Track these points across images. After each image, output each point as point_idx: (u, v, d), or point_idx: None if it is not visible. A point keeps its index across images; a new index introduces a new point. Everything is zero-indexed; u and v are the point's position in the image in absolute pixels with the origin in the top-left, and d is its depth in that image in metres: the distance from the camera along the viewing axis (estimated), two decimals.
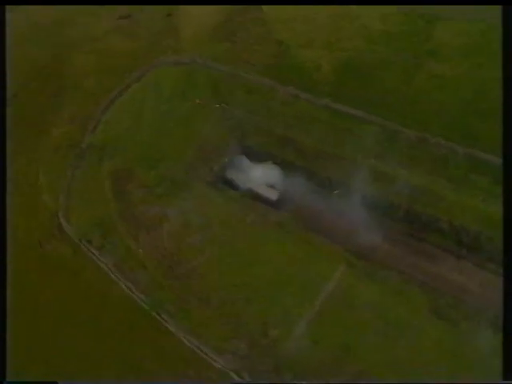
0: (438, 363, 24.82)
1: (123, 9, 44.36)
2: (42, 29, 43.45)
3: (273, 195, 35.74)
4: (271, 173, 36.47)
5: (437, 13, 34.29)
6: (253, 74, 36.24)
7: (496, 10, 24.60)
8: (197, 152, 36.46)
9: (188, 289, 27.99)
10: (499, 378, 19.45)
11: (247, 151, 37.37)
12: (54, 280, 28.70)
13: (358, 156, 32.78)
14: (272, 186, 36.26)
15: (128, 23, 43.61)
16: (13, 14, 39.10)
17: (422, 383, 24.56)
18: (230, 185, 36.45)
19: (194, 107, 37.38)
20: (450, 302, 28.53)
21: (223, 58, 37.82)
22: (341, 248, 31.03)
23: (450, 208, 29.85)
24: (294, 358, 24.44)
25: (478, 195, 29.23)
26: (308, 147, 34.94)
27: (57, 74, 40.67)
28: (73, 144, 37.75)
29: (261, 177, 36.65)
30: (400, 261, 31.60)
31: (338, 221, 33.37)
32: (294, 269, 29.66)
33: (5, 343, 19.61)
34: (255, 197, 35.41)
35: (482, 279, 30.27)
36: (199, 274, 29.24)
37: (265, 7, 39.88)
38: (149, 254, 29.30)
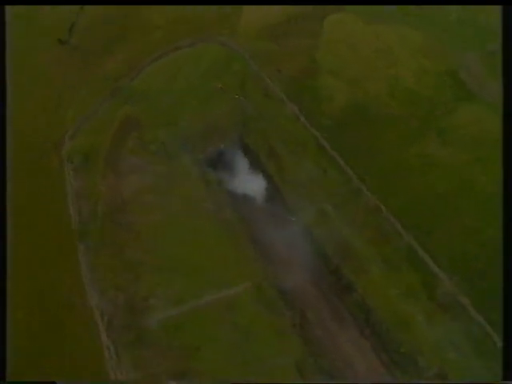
0: None
1: None
2: None
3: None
4: (256, 181, 38.19)
5: (476, 92, 31.08)
6: (273, 80, 37.35)
7: None
8: (200, 129, 39.56)
9: (115, 235, 32.31)
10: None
11: (243, 146, 39.42)
12: (35, 185, 34.76)
13: (321, 198, 32.98)
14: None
15: None
16: None
17: (421, 383, 26.18)
18: (214, 168, 39.11)
19: (218, 90, 40.06)
20: (322, 365, 28.84)
21: (261, 56, 39.26)
22: (262, 269, 32.41)
23: (368, 285, 29.13)
24: (149, 330, 27.77)
25: (399, 287, 27.99)
26: (288, 167, 35.82)
27: (130, 23, 46.10)
28: (119, 78, 43.64)
29: (247, 179, 38.71)
30: (309, 307, 32.06)
31: (278, 245, 34.57)
32: (210, 263, 32.03)
33: (5, 344, 20.70)
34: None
35: (371, 365, 29.60)
36: (134, 229, 33.18)
37: (326, 22, 39.63)
38: (106, 193, 34.10)
